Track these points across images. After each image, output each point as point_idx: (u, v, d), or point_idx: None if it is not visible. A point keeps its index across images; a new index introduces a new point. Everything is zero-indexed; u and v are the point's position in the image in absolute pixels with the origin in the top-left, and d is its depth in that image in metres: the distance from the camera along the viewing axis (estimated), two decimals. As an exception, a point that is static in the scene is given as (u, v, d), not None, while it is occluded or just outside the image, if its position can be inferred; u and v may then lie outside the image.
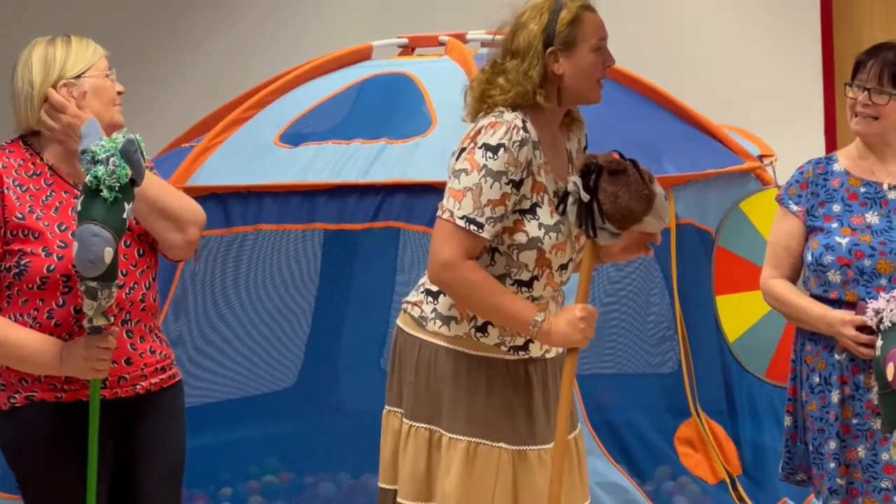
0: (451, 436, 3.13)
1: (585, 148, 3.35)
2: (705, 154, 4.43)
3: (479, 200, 3.07)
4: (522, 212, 3.10)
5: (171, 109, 5.65)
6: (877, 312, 3.34)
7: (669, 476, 4.29)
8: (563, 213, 3.15)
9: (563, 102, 3.16)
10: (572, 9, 3.11)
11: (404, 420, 3.20)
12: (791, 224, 3.61)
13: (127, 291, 3.10)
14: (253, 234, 4.49)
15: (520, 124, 3.13)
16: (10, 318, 3.04)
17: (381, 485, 3.23)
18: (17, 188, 3.08)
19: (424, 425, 3.17)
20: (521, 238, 3.07)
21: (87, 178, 2.92)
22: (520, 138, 3.09)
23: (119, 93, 3.21)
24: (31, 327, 3.04)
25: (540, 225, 3.07)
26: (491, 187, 3.06)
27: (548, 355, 3.18)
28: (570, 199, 3.10)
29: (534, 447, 3.15)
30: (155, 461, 3.20)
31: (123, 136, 2.98)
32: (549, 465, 3.19)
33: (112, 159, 2.93)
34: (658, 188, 3.09)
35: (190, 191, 4.03)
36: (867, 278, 3.43)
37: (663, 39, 5.78)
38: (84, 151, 2.94)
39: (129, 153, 2.95)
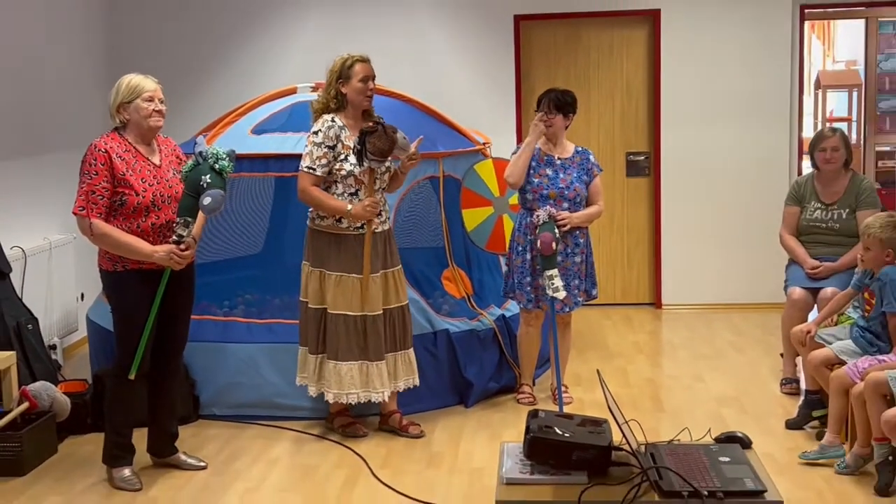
0: (329, 272, 4.36)
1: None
2: (457, 141, 5.72)
3: (312, 157, 4.22)
4: (341, 161, 4.24)
5: (200, 113, 6.85)
6: (538, 217, 4.98)
7: (440, 296, 5.57)
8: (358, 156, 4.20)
9: (352, 107, 4.28)
10: (350, 60, 4.29)
11: (310, 267, 4.47)
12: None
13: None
14: (238, 179, 5.44)
15: (329, 118, 4.20)
16: (116, 226, 3.75)
17: (300, 299, 4.57)
18: (118, 158, 3.77)
19: (318, 269, 4.42)
20: (343, 173, 4.24)
21: (217, 166, 3.67)
22: (328, 125, 4.18)
23: (156, 111, 3.80)
24: (128, 232, 3.76)
25: (350, 164, 4.27)
26: (316, 150, 4.22)
27: (376, 230, 4.31)
28: (357, 149, 4.21)
29: (370, 276, 4.33)
30: (186, 298, 4.15)
31: (220, 148, 3.64)
32: (377, 284, 4.33)
33: (228, 157, 3.68)
34: (399, 135, 4.06)
35: (207, 156, 4.86)
36: (544, 200, 5.11)
37: (435, 84, 6.98)
38: (201, 152, 3.74)
39: (231, 157, 3.76)
